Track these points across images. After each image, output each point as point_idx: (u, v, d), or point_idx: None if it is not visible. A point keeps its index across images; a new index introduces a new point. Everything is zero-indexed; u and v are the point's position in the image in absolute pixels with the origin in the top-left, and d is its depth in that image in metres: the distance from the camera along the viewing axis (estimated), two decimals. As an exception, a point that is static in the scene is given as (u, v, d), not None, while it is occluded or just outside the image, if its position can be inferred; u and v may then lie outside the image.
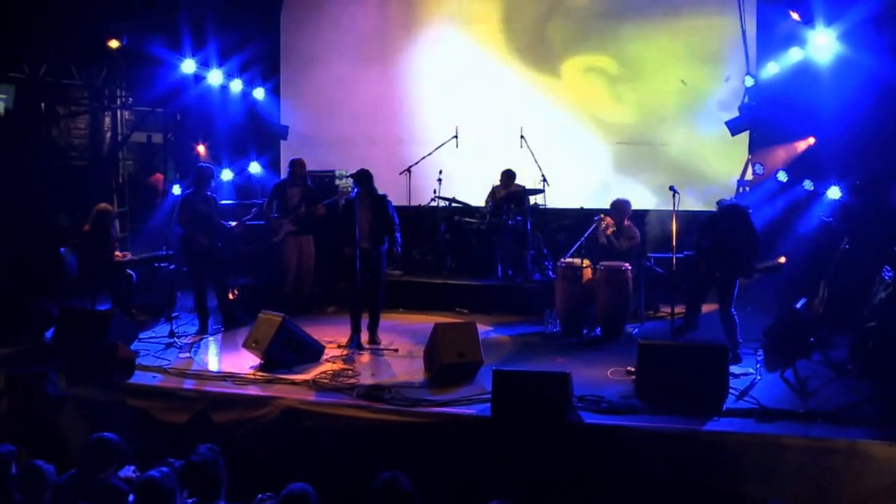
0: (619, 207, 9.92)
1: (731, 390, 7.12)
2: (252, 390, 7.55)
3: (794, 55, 10.44)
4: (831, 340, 8.47)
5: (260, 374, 7.98)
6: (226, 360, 8.69)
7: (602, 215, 9.79)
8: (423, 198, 12.12)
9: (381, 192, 9.22)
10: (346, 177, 11.21)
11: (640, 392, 7.17)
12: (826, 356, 8.08)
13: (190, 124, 13.33)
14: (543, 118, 12.56)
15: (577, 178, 12.42)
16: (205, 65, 12.17)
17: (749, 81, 11.32)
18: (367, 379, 7.86)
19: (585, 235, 9.36)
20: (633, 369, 7.67)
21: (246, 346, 8.45)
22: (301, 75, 13.64)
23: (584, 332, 9.42)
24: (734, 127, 11.40)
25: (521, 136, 11.84)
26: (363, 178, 9.01)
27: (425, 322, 9.51)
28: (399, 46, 13.24)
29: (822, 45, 9.74)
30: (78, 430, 7.15)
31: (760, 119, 11.29)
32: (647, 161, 12.31)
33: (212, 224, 9.73)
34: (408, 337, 9.48)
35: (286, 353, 8.22)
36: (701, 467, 6.32)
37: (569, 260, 9.55)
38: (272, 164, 13.38)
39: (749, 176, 11.47)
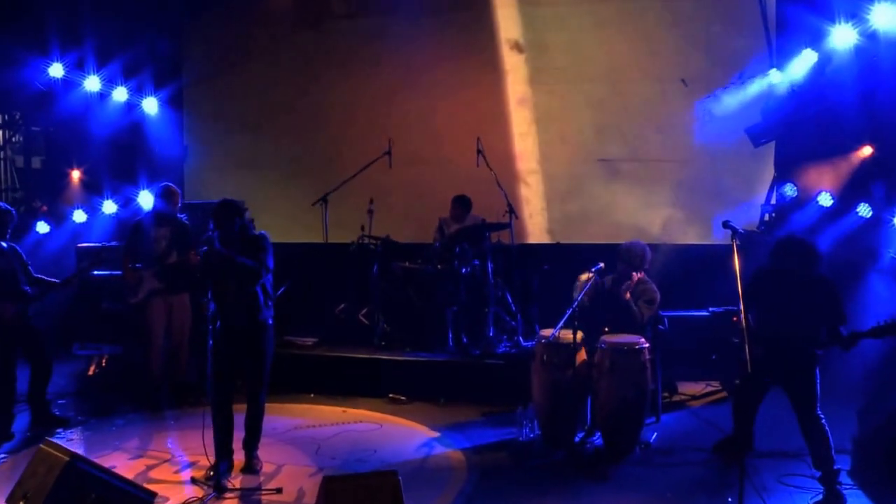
0: (637, 254, 6.02)
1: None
2: None
3: (840, 37, 7.21)
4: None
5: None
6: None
7: (603, 265, 5.82)
8: (346, 236, 8.30)
9: (258, 231, 5.46)
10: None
11: None
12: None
13: (62, 144, 10.26)
14: (506, 128, 9.23)
15: (549, 206, 9.19)
16: (80, 69, 9.28)
17: (775, 76, 8.23)
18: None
19: (578, 299, 5.45)
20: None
21: (11, 503, 4.44)
22: (206, 83, 10.30)
23: (577, 438, 5.67)
24: (756, 135, 8.40)
25: (479, 151, 8.03)
26: (223, 214, 5.13)
27: (341, 421, 6.56)
28: (321, 42, 9.86)
29: (888, 19, 6.67)
30: None
31: (791, 125, 8.20)
32: (638, 182, 9.00)
33: (16, 285, 6.40)
34: (307, 454, 5.84)
35: (78, 516, 4.28)
36: None
37: (550, 333, 5.63)
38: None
39: (776, 199, 8.48)
